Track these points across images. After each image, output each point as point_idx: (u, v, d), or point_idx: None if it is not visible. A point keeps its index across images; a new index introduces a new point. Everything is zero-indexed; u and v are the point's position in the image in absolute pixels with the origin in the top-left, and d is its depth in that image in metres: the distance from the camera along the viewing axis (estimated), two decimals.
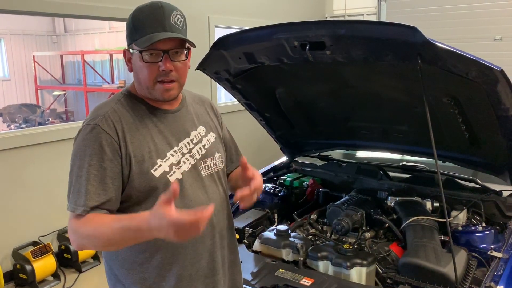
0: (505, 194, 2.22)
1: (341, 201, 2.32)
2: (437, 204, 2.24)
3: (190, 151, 1.40)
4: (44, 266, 3.49)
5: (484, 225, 2.09)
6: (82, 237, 1.24)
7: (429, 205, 2.23)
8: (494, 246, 1.94)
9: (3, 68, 9.92)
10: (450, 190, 2.27)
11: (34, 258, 3.43)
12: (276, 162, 3.12)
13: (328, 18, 7.30)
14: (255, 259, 1.96)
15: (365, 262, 1.83)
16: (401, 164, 2.72)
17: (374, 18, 6.98)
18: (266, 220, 2.41)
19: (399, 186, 2.47)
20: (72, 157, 1.30)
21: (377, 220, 2.20)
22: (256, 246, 2.10)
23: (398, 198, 2.27)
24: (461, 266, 1.78)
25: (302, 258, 1.94)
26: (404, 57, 1.71)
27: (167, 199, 1.07)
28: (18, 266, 3.43)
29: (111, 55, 9.12)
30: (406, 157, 2.77)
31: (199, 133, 1.46)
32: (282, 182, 2.77)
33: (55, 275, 3.61)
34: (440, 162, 2.40)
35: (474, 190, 2.31)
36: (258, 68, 2.15)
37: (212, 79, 2.30)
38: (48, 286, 3.53)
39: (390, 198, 2.30)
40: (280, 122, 2.70)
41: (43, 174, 3.70)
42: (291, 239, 2.04)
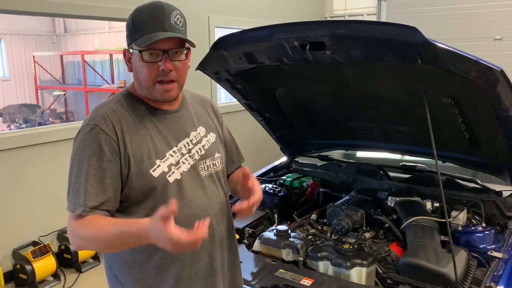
0: (505, 194, 2.22)
1: (341, 201, 2.32)
2: (437, 204, 2.24)
3: (189, 152, 1.40)
4: (44, 266, 3.49)
5: (484, 225, 2.09)
6: (81, 238, 1.25)
7: (429, 205, 2.23)
8: (494, 246, 1.94)
9: (3, 68, 9.92)
10: (450, 190, 2.27)
11: (34, 258, 3.43)
12: (276, 162, 3.12)
13: (328, 18, 7.30)
14: (255, 259, 1.96)
15: (365, 262, 1.82)
16: (401, 164, 2.72)
17: (374, 18, 6.98)
18: (266, 220, 2.41)
19: (399, 186, 2.46)
20: (71, 157, 1.30)
21: (377, 220, 2.20)
22: (256, 246, 2.10)
23: (398, 198, 2.27)
24: (461, 266, 1.78)
25: (302, 258, 1.94)
26: (404, 57, 1.70)
27: (166, 216, 1.06)
28: (18, 266, 3.43)
29: (111, 55, 9.13)
30: (406, 157, 2.77)
31: (199, 133, 1.46)
32: (282, 182, 2.77)
33: (55, 275, 3.61)
34: (440, 162, 2.40)
35: (474, 190, 2.31)
36: (258, 68, 2.15)
37: (212, 79, 2.30)
38: (48, 286, 3.53)
39: (390, 198, 2.30)
40: (280, 122, 2.70)
41: (43, 174, 3.71)
42: (291, 239, 2.04)
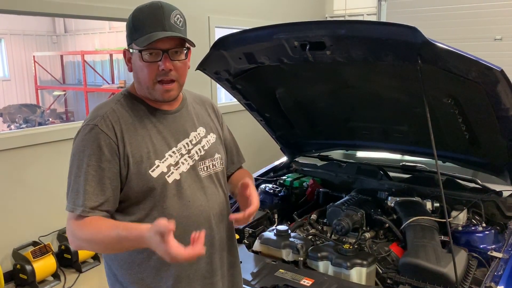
0: (505, 194, 2.22)
1: (341, 201, 2.31)
2: (437, 204, 2.24)
3: (189, 152, 1.40)
4: (44, 266, 3.49)
5: (484, 225, 2.09)
6: (80, 239, 1.26)
7: (429, 205, 2.23)
8: (494, 246, 1.94)
9: (3, 68, 9.92)
10: (450, 190, 2.27)
11: (34, 258, 3.43)
12: (276, 162, 3.12)
13: (328, 18, 7.30)
14: (255, 259, 1.96)
15: (365, 262, 1.82)
16: (401, 164, 2.72)
17: (374, 18, 6.98)
18: (266, 220, 2.41)
19: (399, 186, 2.46)
20: (71, 157, 1.30)
21: (377, 220, 2.20)
22: (256, 246, 2.10)
23: (398, 198, 2.27)
24: (461, 266, 1.78)
25: (302, 258, 1.94)
26: (404, 57, 1.70)
27: (164, 232, 1.07)
28: (18, 266, 3.43)
29: (111, 55, 9.12)
30: (406, 157, 2.77)
31: (199, 134, 1.46)
32: (282, 182, 2.77)
33: (55, 275, 3.61)
34: (440, 162, 2.40)
35: (474, 190, 2.31)
36: (258, 68, 2.15)
37: (212, 79, 2.30)
38: (48, 286, 3.53)
39: (390, 198, 2.30)
40: (280, 122, 2.70)
41: (43, 174, 3.71)
42: (291, 239, 2.04)
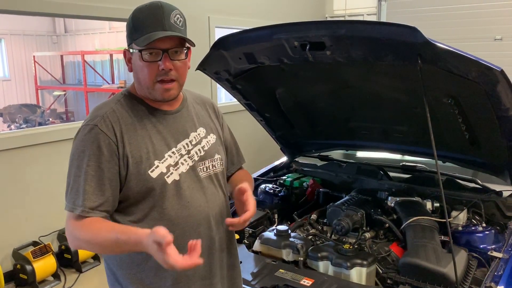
0: (505, 194, 2.22)
1: (341, 201, 2.32)
2: (437, 204, 2.24)
3: (188, 153, 1.39)
4: (44, 266, 3.49)
5: (484, 225, 2.09)
6: (78, 240, 1.27)
7: (429, 205, 2.23)
8: (494, 246, 1.95)
9: (4, 68, 9.92)
10: (450, 190, 2.27)
11: (34, 258, 3.43)
12: (276, 162, 3.12)
13: (328, 18, 7.30)
14: (255, 260, 1.96)
15: (365, 262, 1.82)
16: (401, 164, 2.72)
17: (374, 18, 6.98)
18: (266, 220, 2.41)
19: (399, 186, 2.46)
20: (70, 156, 1.30)
21: (377, 220, 2.20)
22: (256, 246, 2.10)
23: (398, 198, 2.27)
24: (461, 266, 1.78)
25: (302, 258, 1.94)
26: (404, 57, 1.70)
27: (161, 243, 1.08)
28: (18, 266, 3.43)
29: (111, 55, 9.12)
30: (406, 157, 2.77)
31: (199, 134, 1.45)
32: (282, 182, 2.77)
33: (55, 275, 3.61)
34: (440, 162, 2.40)
35: (474, 190, 2.31)
36: (258, 68, 2.15)
37: (212, 79, 2.30)
38: (48, 286, 3.53)
39: (390, 198, 2.30)
40: (280, 122, 2.70)
41: (44, 174, 3.71)
42: (291, 239, 2.04)
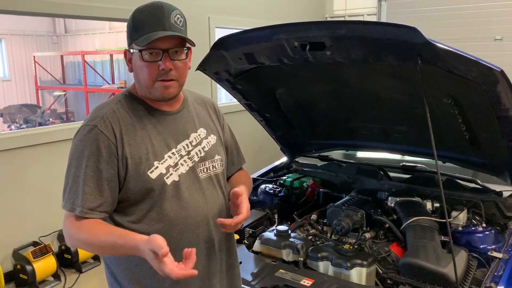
0: (505, 195, 2.22)
1: (341, 201, 2.31)
2: (437, 204, 2.24)
3: (188, 154, 1.39)
4: (44, 266, 3.49)
5: (484, 225, 2.09)
6: (76, 240, 1.27)
7: (429, 205, 2.23)
8: (494, 246, 1.94)
9: (4, 68, 9.92)
10: (450, 191, 2.27)
11: (34, 258, 3.43)
12: (276, 163, 3.12)
13: (328, 19, 7.30)
14: (255, 260, 1.96)
15: (365, 263, 1.82)
16: (401, 164, 2.72)
17: (374, 18, 6.98)
18: (266, 220, 2.41)
19: (400, 186, 2.47)
20: (69, 156, 1.30)
21: (377, 220, 2.20)
22: (256, 246, 2.10)
23: (398, 199, 2.27)
24: (461, 266, 1.78)
25: (302, 259, 1.94)
26: (404, 57, 1.70)
27: (157, 253, 1.09)
28: (18, 266, 3.43)
29: (112, 56, 9.13)
30: (406, 157, 2.77)
31: (199, 135, 1.45)
32: (282, 182, 2.77)
33: (56, 276, 3.61)
34: (440, 163, 2.40)
35: (474, 190, 2.31)
36: (259, 68, 2.15)
37: (212, 80, 2.30)
38: (48, 286, 3.53)
39: (390, 198, 2.30)
40: (280, 123, 2.70)
41: (44, 175, 3.70)
42: (291, 240, 2.04)
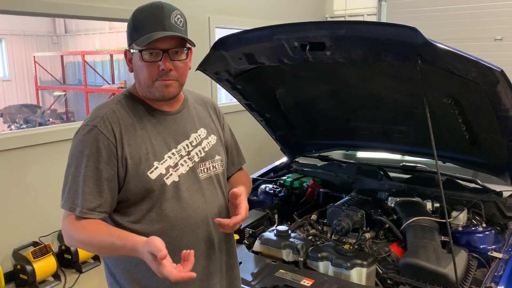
0: (505, 195, 2.22)
1: (341, 201, 2.32)
2: (437, 204, 2.24)
3: (188, 154, 1.39)
4: (44, 266, 3.49)
5: (484, 225, 2.09)
6: (74, 240, 1.28)
7: (429, 205, 2.23)
8: (494, 246, 1.94)
9: (4, 68, 9.92)
10: (451, 191, 2.27)
11: (34, 258, 3.43)
12: (276, 163, 3.12)
13: (328, 19, 7.30)
14: (255, 260, 1.96)
15: (365, 263, 1.83)
16: (401, 164, 2.72)
17: (374, 18, 6.98)
18: (267, 220, 2.41)
19: (400, 186, 2.47)
20: (69, 155, 1.30)
21: (377, 220, 2.20)
22: (256, 246, 2.10)
23: (398, 199, 2.27)
24: (461, 266, 1.78)
25: (302, 259, 1.94)
26: (404, 57, 1.70)
27: (155, 255, 1.10)
28: (18, 266, 3.43)
29: (112, 56, 9.12)
30: (407, 157, 2.77)
31: (199, 135, 1.45)
32: (282, 182, 2.77)
33: (56, 276, 3.61)
34: (440, 163, 2.40)
35: (474, 190, 2.31)
36: (259, 68, 2.15)
37: (212, 80, 2.30)
38: (48, 286, 3.53)
39: (390, 198, 2.30)
40: (280, 123, 2.70)
41: (44, 175, 3.70)
42: (291, 240, 2.04)
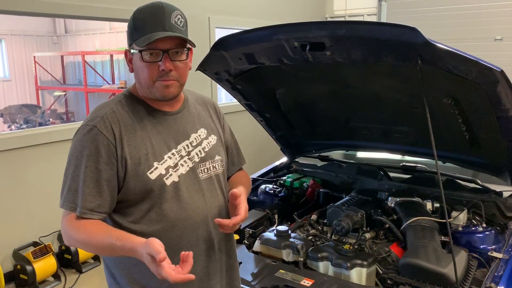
0: (505, 195, 2.22)
1: (341, 201, 2.32)
2: (437, 204, 2.24)
3: (188, 154, 1.39)
4: (44, 266, 3.49)
5: (484, 225, 2.09)
6: (74, 239, 1.28)
7: (429, 205, 2.23)
8: (494, 246, 1.94)
9: (4, 68, 9.92)
10: (451, 191, 2.27)
11: (34, 258, 3.43)
12: (276, 163, 3.12)
13: (328, 19, 7.30)
14: (256, 260, 1.96)
15: (365, 263, 1.83)
16: (401, 164, 2.72)
17: (374, 18, 6.98)
18: (267, 220, 2.41)
19: (400, 186, 2.47)
20: (69, 155, 1.30)
21: (377, 220, 2.20)
22: (256, 246, 2.10)
23: (398, 199, 2.27)
24: (461, 266, 1.78)
25: (302, 259, 1.94)
26: (404, 57, 1.71)
27: (154, 257, 1.10)
28: (18, 266, 3.43)
29: (112, 56, 9.12)
30: (407, 157, 2.77)
31: (200, 135, 1.45)
32: (282, 182, 2.77)
33: (56, 276, 3.61)
34: (440, 163, 2.40)
35: (474, 190, 2.31)
36: (259, 68, 2.15)
37: (212, 80, 2.30)
38: (48, 286, 3.53)
39: (390, 198, 2.30)
40: (280, 123, 2.70)
41: (44, 175, 3.70)
42: (292, 240, 2.04)
